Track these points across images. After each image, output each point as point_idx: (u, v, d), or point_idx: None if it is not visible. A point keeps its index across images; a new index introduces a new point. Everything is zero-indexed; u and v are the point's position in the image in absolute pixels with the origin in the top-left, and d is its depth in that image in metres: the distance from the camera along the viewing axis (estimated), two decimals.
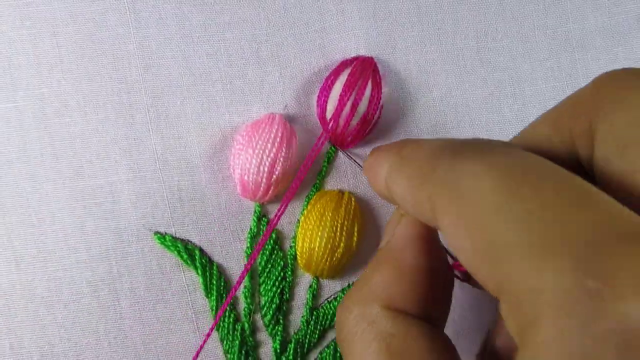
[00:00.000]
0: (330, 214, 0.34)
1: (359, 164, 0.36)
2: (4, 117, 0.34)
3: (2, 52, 0.34)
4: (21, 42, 0.35)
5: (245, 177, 0.34)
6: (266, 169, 0.34)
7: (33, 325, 0.35)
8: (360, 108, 0.35)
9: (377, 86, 0.35)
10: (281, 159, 0.34)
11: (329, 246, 0.34)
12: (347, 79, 0.34)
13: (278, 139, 0.34)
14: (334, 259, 0.34)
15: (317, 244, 0.34)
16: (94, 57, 0.35)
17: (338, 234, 0.34)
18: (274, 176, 0.34)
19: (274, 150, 0.34)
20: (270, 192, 0.34)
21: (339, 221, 0.34)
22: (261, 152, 0.34)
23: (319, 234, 0.34)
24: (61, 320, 0.35)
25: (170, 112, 0.35)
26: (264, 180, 0.34)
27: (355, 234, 0.35)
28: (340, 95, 0.34)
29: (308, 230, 0.34)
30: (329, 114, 0.35)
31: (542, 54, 0.38)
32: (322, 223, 0.34)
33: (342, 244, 0.34)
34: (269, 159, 0.34)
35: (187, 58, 0.35)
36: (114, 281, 0.34)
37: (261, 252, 0.36)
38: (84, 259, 0.35)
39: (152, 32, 0.35)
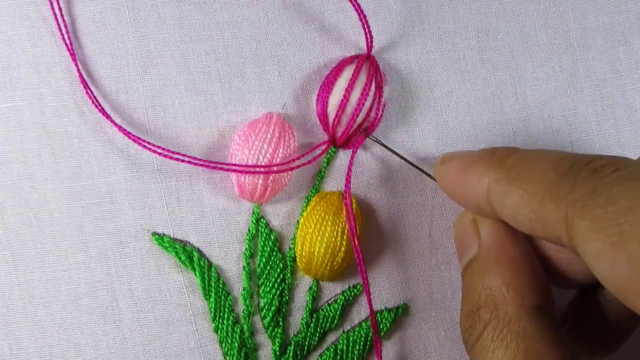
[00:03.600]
0: (331, 218, 0.36)
1: (399, 155, 0.38)
2: (2, 117, 0.38)
3: (1, 52, 0.37)
4: (20, 42, 0.38)
5: (242, 178, 0.35)
6: (262, 170, 0.34)
7: (31, 326, 0.37)
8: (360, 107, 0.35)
9: (378, 85, 0.35)
10: (278, 159, 0.35)
11: (330, 251, 0.36)
12: (349, 79, 0.34)
13: (275, 139, 0.35)
14: (335, 263, 0.36)
15: (317, 248, 0.37)
16: (92, 57, 0.35)
17: (339, 238, 0.36)
18: (271, 177, 0.35)
19: (271, 150, 0.35)
20: (267, 193, 0.35)
21: (340, 225, 0.36)
22: (257, 152, 0.35)
23: (319, 238, 0.36)
24: (59, 321, 0.37)
25: (168, 111, 0.37)
26: (260, 181, 0.35)
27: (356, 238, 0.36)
28: (344, 94, 0.34)
29: (308, 234, 0.36)
30: (329, 113, 0.35)
31: (543, 53, 0.41)
32: (323, 227, 0.36)
33: (342, 249, 0.36)
34: (265, 160, 0.35)
35: (185, 57, 0.37)
36: (112, 282, 0.36)
37: (260, 253, 0.39)
38: (82, 260, 0.38)
39: (151, 31, 0.36)
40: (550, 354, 0.27)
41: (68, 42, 0.37)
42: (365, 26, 0.37)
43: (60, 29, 0.37)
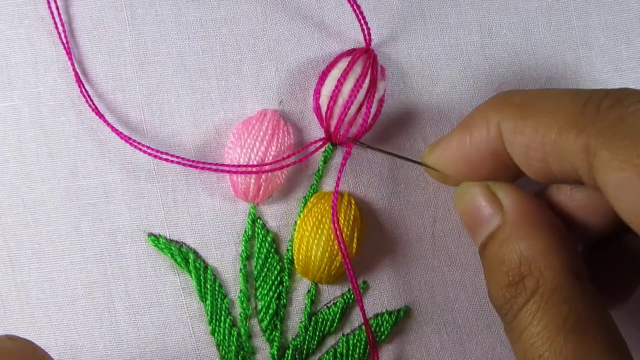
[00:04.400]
0: (328, 221, 0.35)
1: (393, 154, 0.37)
2: (0, 116, 0.38)
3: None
4: (19, 41, 0.38)
5: (235, 178, 0.35)
6: (253, 170, 0.34)
7: (28, 327, 0.37)
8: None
9: (374, 78, 0.34)
10: (271, 157, 0.34)
11: (327, 255, 0.36)
12: (343, 70, 0.34)
13: (268, 137, 0.35)
14: (332, 267, 0.36)
15: (314, 252, 0.37)
16: (89, 56, 0.35)
17: (336, 242, 0.34)
18: (263, 176, 0.34)
19: (263, 148, 0.35)
20: (261, 192, 0.35)
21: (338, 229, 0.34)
22: (249, 150, 0.35)
23: (316, 242, 0.36)
24: (56, 323, 0.38)
25: (165, 109, 0.38)
26: (252, 180, 0.34)
27: (355, 240, 0.37)
28: (336, 84, 0.34)
29: (305, 237, 0.36)
30: (321, 105, 0.34)
31: (546, 50, 0.41)
32: (320, 231, 0.36)
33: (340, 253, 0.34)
34: (257, 158, 0.34)
35: (182, 55, 0.38)
36: (108, 283, 0.37)
37: (256, 255, 0.38)
38: (79, 261, 0.38)
39: (148, 29, 0.37)
40: (597, 317, 0.27)
41: (65, 40, 0.37)
42: (361, 18, 0.37)
43: (57, 28, 0.37)
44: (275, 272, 0.38)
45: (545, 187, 0.33)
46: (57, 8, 0.37)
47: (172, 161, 0.36)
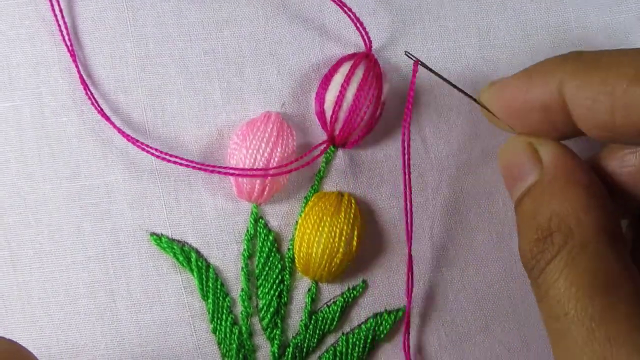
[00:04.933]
0: (328, 219, 0.36)
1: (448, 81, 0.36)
2: (1, 117, 0.38)
3: (0, 51, 0.38)
4: (20, 41, 0.38)
5: (240, 178, 0.35)
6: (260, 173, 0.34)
7: (30, 326, 0.38)
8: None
9: (377, 82, 0.35)
10: (276, 158, 0.35)
11: (327, 252, 0.38)
12: (346, 75, 0.35)
13: (273, 138, 0.36)
14: (333, 265, 0.37)
15: (315, 250, 0.38)
16: (91, 57, 0.36)
17: (337, 240, 0.37)
18: (269, 177, 0.34)
19: (268, 149, 0.35)
20: (265, 192, 0.35)
21: (338, 227, 0.37)
22: (255, 151, 0.36)
23: (317, 239, 0.36)
24: (58, 322, 0.38)
25: (167, 111, 0.39)
26: (258, 181, 0.35)
27: (355, 238, 0.38)
28: (340, 90, 0.34)
29: (305, 235, 0.38)
30: (326, 110, 0.35)
31: (544, 52, 0.41)
32: (320, 228, 0.36)
33: (340, 250, 0.37)
34: (263, 159, 0.35)
35: (184, 56, 0.39)
36: (110, 282, 0.38)
37: (258, 254, 0.39)
38: (81, 260, 0.38)
39: (150, 30, 0.37)
40: (628, 281, 0.27)
41: (69, 42, 0.37)
42: (359, 26, 0.38)
43: (60, 29, 0.38)
44: (277, 270, 0.39)
45: (596, 152, 0.33)
46: (61, 9, 0.37)
47: (179, 164, 0.37)
